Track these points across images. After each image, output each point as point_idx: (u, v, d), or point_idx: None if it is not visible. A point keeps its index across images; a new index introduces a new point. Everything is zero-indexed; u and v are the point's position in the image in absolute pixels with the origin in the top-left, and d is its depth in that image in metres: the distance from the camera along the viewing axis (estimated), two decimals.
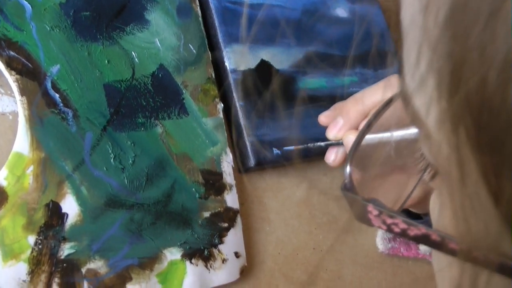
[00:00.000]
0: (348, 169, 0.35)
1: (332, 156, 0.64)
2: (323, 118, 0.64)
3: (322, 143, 0.64)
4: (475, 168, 0.21)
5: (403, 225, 0.28)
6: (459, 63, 0.20)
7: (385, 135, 0.47)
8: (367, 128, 0.38)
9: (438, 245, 0.26)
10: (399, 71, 0.26)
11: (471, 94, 0.19)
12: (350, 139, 0.60)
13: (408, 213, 0.65)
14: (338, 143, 0.63)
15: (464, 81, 0.20)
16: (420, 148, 0.30)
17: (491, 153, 0.20)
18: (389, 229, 0.29)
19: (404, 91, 0.25)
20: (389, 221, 0.29)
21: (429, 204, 0.34)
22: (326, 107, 0.68)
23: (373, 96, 0.61)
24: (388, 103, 0.39)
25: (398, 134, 0.47)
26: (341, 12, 0.77)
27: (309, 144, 0.66)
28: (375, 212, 0.30)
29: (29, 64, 0.55)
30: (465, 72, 0.20)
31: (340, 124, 0.62)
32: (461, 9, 0.19)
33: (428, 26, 0.21)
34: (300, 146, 0.66)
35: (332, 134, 0.62)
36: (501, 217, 0.21)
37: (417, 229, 0.27)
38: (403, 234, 0.28)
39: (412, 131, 0.47)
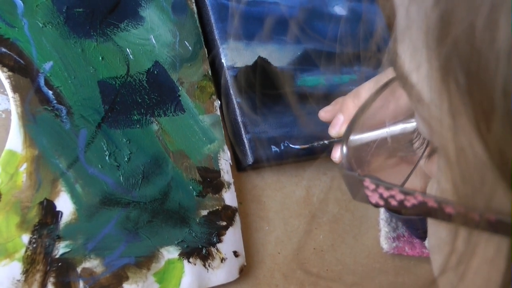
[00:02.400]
0: (344, 148, 0.36)
1: (338, 154, 0.64)
2: (323, 113, 0.64)
3: (326, 141, 0.64)
4: (466, 118, 0.21)
5: (400, 196, 0.28)
6: (446, 12, 0.20)
7: (381, 131, 0.47)
8: (364, 108, 0.39)
9: (435, 212, 0.26)
10: (391, 44, 0.26)
11: (459, 40, 0.20)
12: None
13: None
14: (341, 140, 0.63)
15: (452, 27, 0.20)
16: (415, 129, 0.30)
17: (481, 99, 0.20)
18: (386, 204, 0.29)
19: (392, 56, 0.25)
20: (386, 194, 0.29)
21: None
22: (325, 105, 0.67)
23: (372, 90, 0.60)
24: (385, 85, 0.39)
25: (394, 128, 0.47)
26: (339, 10, 0.76)
27: (314, 143, 0.65)
28: (372, 187, 0.30)
29: (21, 61, 0.54)
30: (452, 19, 0.20)
31: (341, 121, 0.62)
32: None
33: None
34: (304, 146, 0.66)
35: (334, 131, 0.62)
36: (494, 164, 0.21)
37: (413, 198, 0.27)
38: (400, 206, 0.28)
39: (407, 124, 0.48)
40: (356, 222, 0.73)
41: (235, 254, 0.62)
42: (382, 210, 0.69)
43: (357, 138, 0.41)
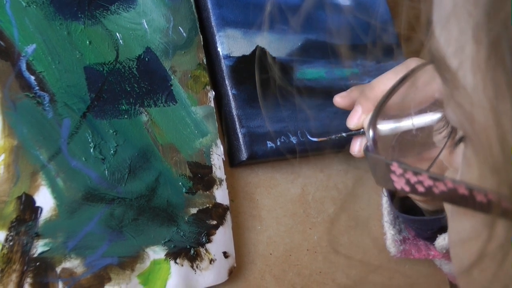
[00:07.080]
0: (371, 132, 0.35)
1: (357, 147, 0.63)
2: (338, 98, 0.62)
3: (344, 134, 0.61)
4: (511, 103, 0.20)
5: (428, 182, 0.27)
6: None
7: (406, 123, 0.46)
8: (392, 92, 0.38)
9: (465, 200, 0.25)
10: (427, 31, 0.25)
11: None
12: None
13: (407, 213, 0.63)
14: (359, 132, 0.60)
15: (504, 6, 0.19)
16: (443, 117, 0.31)
17: None
18: (412, 189, 0.28)
19: (433, 46, 0.25)
20: (413, 179, 0.28)
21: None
22: (325, 99, 0.64)
23: (391, 81, 0.58)
24: (412, 72, 0.39)
25: (418, 118, 0.46)
26: None
27: (332, 136, 0.62)
28: (399, 171, 0.29)
29: (2, 43, 0.50)
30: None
31: (359, 113, 0.60)
32: None
33: None
34: (322, 138, 0.63)
35: (352, 123, 0.61)
36: None
37: (443, 185, 0.26)
38: (428, 192, 0.27)
39: (431, 115, 0.47)
40: (352, 222, 0.70)
41: (225, 255, 0.59)
42: (385, 212, 0.66)
43: (381, 127, 0.41)
